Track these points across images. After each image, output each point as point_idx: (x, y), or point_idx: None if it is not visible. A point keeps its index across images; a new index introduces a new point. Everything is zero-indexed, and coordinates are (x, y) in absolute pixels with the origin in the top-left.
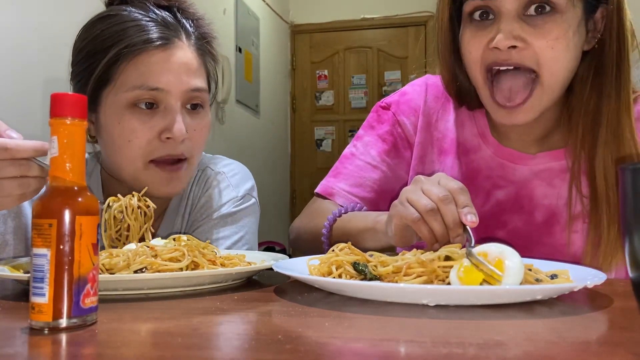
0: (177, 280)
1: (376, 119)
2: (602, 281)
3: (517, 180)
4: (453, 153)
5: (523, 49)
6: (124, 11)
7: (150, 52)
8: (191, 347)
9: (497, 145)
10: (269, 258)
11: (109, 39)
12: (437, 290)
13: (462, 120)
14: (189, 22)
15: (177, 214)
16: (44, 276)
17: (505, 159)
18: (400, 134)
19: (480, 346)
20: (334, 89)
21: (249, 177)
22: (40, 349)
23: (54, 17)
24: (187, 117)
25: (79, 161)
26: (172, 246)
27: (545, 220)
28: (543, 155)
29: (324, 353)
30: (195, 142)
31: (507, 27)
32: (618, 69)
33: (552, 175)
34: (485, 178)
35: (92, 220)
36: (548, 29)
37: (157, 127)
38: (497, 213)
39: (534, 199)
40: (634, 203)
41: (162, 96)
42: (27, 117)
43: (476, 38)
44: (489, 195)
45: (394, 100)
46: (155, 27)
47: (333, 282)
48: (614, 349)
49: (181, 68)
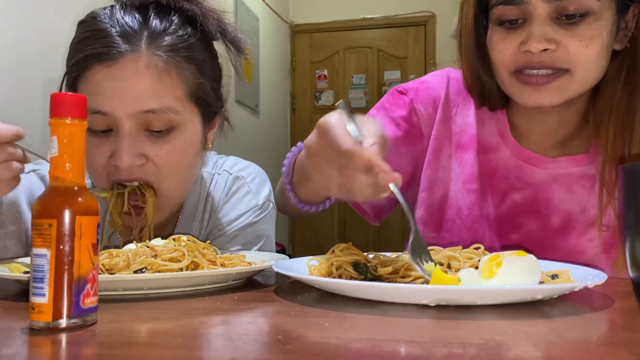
0: (177, 280)
1: (391, 102)
2: (602, 281)
3: (535, 183)
4: (472, 149)
5: (555, 51)
6: (93, 17)
7: (95, 70)
8: (191, 347)
9: (516, 146)
10: (269, 258)
11: (70, 52)
12: (437, 290)
13: (483, 118)
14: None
15: (195, 219)
16: (44, 276)
17: (524, 161)
18: (415, 123)
19: (480, 346)
20: (334, 89)
21: (265, 179)
22: (40, 349)
23: (54, 17)
24: (147, 141)
25: (79, 161)
26: (172, 246)
27: (561, 226)
28: (563, 160)
29: (324, 353)
30: (162, 168)
31: (539, 30)
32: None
33: (572, 180)
34: (502, 178)
35: (92, 221)
36: (581, 31)
37: (107, 152)
38: (512, 215)
39: (551, 203)
40: (634, 203)
41: (110, 120)
42: (27, 117)
43: (507, 40)
44: (505, 197)
45: (413, 87)
46: (108, 38)
47: (333, 282)
48: (614, 349)
49: (129, 88)
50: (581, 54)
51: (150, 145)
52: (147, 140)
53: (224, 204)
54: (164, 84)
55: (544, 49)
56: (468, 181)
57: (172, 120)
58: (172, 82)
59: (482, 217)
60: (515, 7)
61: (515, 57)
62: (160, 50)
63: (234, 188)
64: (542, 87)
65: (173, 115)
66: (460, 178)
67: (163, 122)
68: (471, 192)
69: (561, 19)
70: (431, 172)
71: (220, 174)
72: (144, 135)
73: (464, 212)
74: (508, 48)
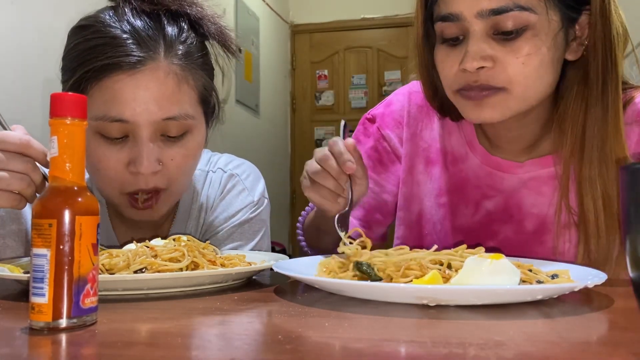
0: (177, 280)
1: (363, 132)
2: (602, 281)
3: (506, 190)
4: (439, 163)
5: (492, 68)
6: (99, 22)
7: (115, 78)
8: (191, 347)
9: (485, 153)
10: (269, 258)
11: (77, 58)
12: (437, 290)
13: (449, 129)
14: (178, 27)
15: (190, 217)
16: (44, 276)
17: (494, 168)
18: (386, 148)
19: (480, 346)
20: (334, 89)
21: (259, 176)
22: (40, 349)
23: (54, 17)
24: (163, 146)
25: (78, 161)
26: (172, 246)
27: (535, 230)
28: (531, 163)
29: (324, 353)
30: (173, 173)
31: (474, 47)
32: (604, 79)
33: (540, 183)
34: (474, 188)
35: (92, 220)
36: (519, 47)
37: (124, 160)
38: (487, 223)
39: (523, 208)
40: (634, 203)
41: (129, 127)
42: (27, 117)
43: (448, 58)
44: (478, 206)
45: (379, 112)
46: (127, 46)
47: (333, 282)
48: (614, 349)
49: (151, 96)
50: (518, 72)
51: (166, 150)
52: (163, 146)
53: (220, 201)
54: (183, 90)
55: (480, 67)
56: (438, 195)
57: (187, 125)
58: (188, 88)
59: (455, 229)
60: (453, 24)
61: (456, 76)
62: (176, 57)
63: (229, 186)
64: (482, 103)
65: (190, 120)
66: (432, 193)
67: (180, 127)
68: (441, 206)
69: (498, 34)
70: (406, 190)
71: (215, 172)
72: (160, 141)
73: (437, 226)
74: (451, 67)
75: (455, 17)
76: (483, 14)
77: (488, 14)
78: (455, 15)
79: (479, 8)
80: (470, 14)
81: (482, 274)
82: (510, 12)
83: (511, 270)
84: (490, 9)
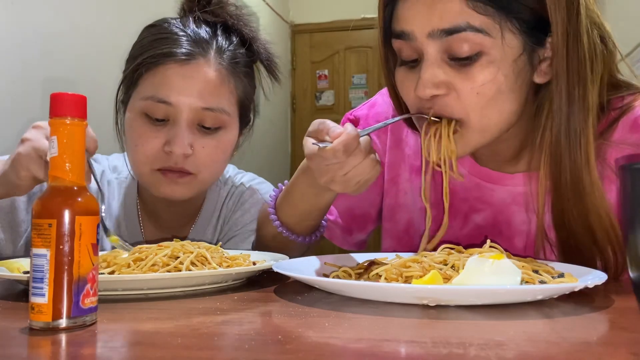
0: (177, 280)
1: None
2: (602, 281)
3: (495, 203)
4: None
5: (446, 95)
6: (166, 23)
7: (168, 66)
8: (191, 347)
9: (472, 163)
10: (269, 258)
11: (141, 48)
12: (437, 290)
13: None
14: (230, 39)
15: (209, 224)
16: (44, 276)
17: (482, 179)
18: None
19: (480, 346)
20: (334, 88)
21: None
22: (40, 349)
23: (54, 17)
24: (197, 134)
25: (78, 161)
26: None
27: (524, 247)
28: (521, 177)
29: (324, 353)
30: (202, 160)
31: (426, 74)
32: (569, 107)
33: (530, 199)
34: (462, 201)
35: (92, 221)
36: (474, 74)
37: (162, 139)
38: (476, 237)
39: (512, 225)
40: (634, 203)
41: (171, 110)
42: (27, 117)
43: (407, 81)
44: (467, 219)
45: (363, 114)
46: (183, 42)
47: (333, 282)
48: (614, 349)
49: (196, 86)
50: (474, 102)
51: (199, 138)
52: (197, 134)
53: (238, 209)
54: (224, 88)
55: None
56: (424, 208)
57: (222, 120)
58: (229, 88)
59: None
60: (407, 45)
61: (414, 100)
62: (223, 60)
63: (246, 196)
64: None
65: (225, 116)
66: (418, 204)
67: (215, 120)
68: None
69: (453, 60)
70: (390, 201)
71: (238, 187)
72: (196, 129)
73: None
74: (408, 91)
75: (407, 35)
76: (434, 34)
77: (440, 35)
78: (407, 34)
79: (430, 28)
80: (421, 34)
81: (484, 274)
82: (463, 32)
83: (512, 271)
84: (441, 29)
